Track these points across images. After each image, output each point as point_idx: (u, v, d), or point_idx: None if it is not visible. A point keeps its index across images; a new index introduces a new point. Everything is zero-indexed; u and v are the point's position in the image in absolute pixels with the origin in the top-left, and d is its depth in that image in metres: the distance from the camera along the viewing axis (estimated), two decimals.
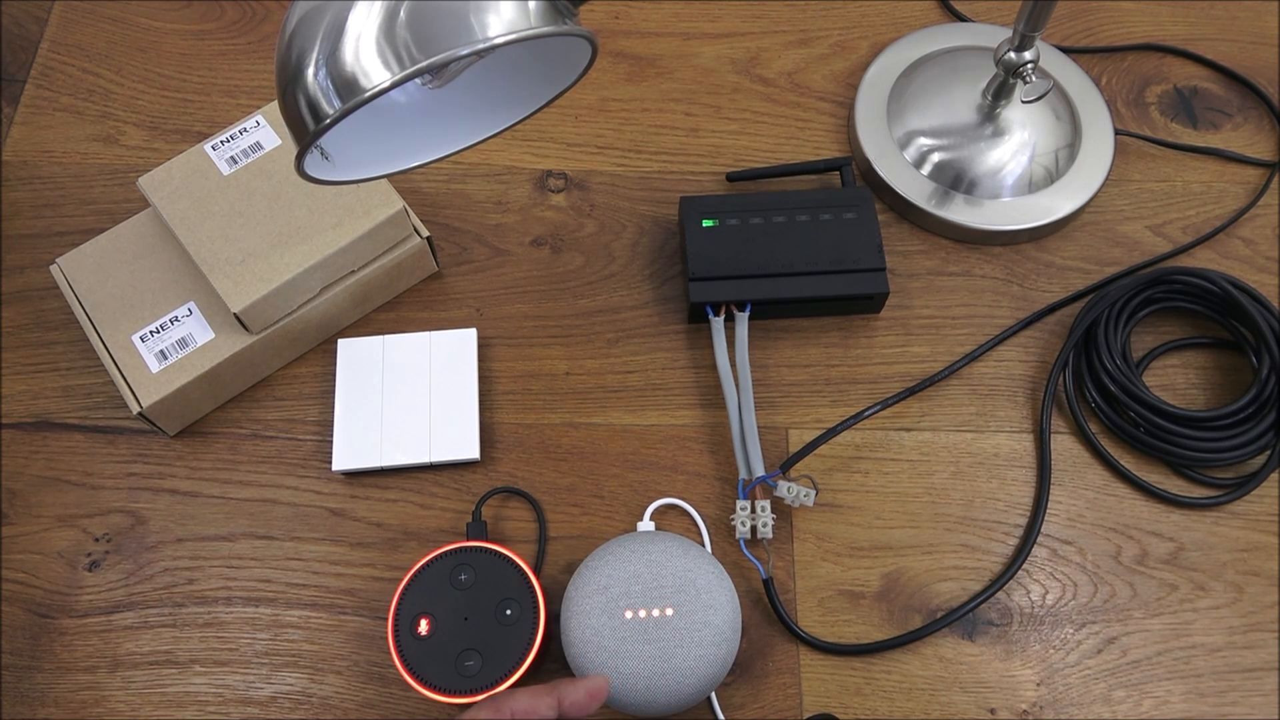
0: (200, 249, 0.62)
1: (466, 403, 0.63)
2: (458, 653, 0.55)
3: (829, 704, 0.58)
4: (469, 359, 0.64)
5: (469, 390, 0.64)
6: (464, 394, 0.64)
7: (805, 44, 0.79)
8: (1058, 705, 0.58)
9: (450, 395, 0.63)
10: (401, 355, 0.64)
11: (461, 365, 0.64)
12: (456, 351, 0.65)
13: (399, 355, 0.64)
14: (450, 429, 0.63)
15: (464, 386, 0.64)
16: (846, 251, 0.66)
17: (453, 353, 0.65)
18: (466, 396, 0.64)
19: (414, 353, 0.65)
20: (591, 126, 0.75)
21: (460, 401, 0.63)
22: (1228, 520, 0.63)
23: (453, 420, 0.63)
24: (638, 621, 0.53)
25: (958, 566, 0.62)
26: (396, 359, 0.64)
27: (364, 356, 0.64)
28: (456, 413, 0.63)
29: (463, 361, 0.64)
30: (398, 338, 0.65)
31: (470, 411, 0.63)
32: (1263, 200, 0.72)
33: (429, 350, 0.65)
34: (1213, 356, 0.68)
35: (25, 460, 0.64)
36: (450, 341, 0.65)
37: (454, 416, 0.63)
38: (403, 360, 0.64)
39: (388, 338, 0.65)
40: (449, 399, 0.63)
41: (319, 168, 0.48)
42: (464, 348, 0.65)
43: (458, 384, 0.64)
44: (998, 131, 0.71)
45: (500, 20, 0.41)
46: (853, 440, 0.65)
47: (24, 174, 0.73)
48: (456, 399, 0.63)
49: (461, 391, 0.64)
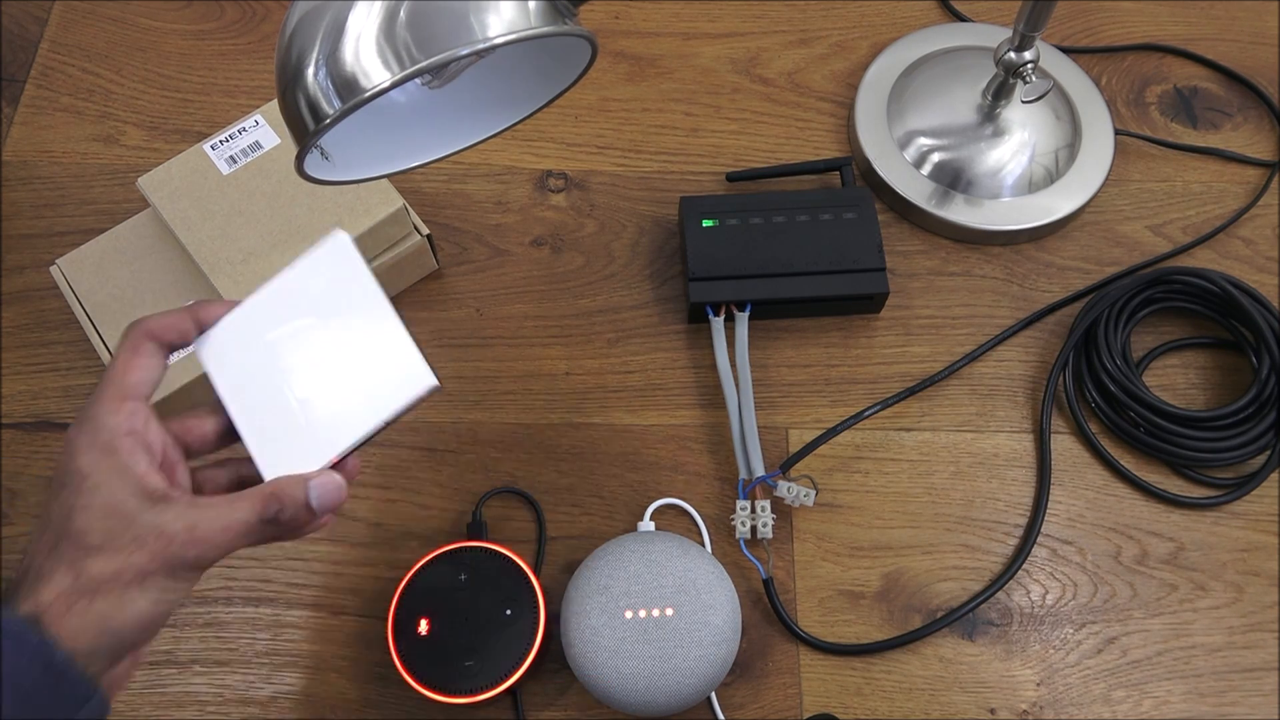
0: (200, 248, 0.62)
1: (384, 325, 0.47)
2: (458, 653, 0.55)
3: (829, 704, 0.58)
4: (356, 271, 0.48)
5: (377, 306, 0.47)
6: (374, 315, 0.47)
7: (805, 44, 0.79)
8: (1058, 705, 0.58)
9: (362, 325, 0.47)
10: (274, 313, 0.49)
11: (353, 284, 0.48)
12: (337, 271, 0.48)
13: (271, 315, 0.49)
14: (385, 367, 0.47)
15: (369, 306, 0.47)
16: (846, 251, 0.66)
17: (334, 275, 0.48)
18: (378, 316, 0.47)
19: (286, 302, 0.49)
20: (591, 126, 0.75)
21: (377, 327, 0.47)
22: (1228, 520, 0.63)
23: (381, 355, 0.47)
24: (638, 621, 0.53)
25: (958, 566, 0.62)
26: (271, 320, 0.49)
27: (234, 340, 0.48)
28: (380, 343, 0.47)
29: (351, 279, 0.48)
30: (254, 299, 0.49)
31: (393, 333, 0.47)
32: (1263, 200, 0.72)
33: (303, 288, 0.49)
34: (1213, 356, 0.68)
35: (25, 460, 0.64)
36: (322, 263, 0.48)
37: (380, 349, 0.47)
38: (280, 317, 0.49)
39: (243, 306, 0.49)
40: (363, 330, 0.48)
41: (319, 168, 0.48)
42: (342, 262, 0.48)
43: (361, 308, 0.48)
44: (998, 131, 0.71)
45: (500, 20, 0.41)
46: (853, 440, 0.65)
47: (24, 174, 0.73)
48: (371, 327, 0.47)
49: (370, 313, 0.47)
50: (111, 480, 0.40)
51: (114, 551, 0.39)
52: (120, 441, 0.41)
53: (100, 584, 0.38)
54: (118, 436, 0.41)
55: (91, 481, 0.40)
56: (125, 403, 0.42)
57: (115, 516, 0.39)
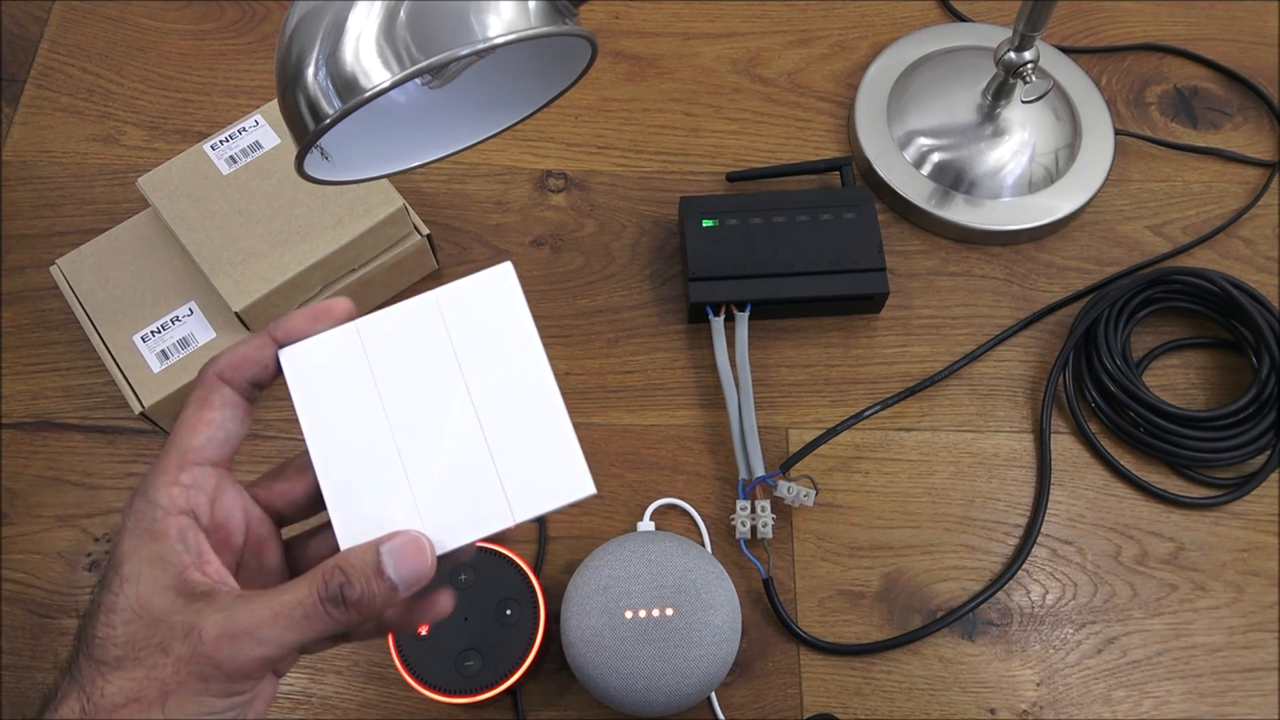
0: (201, 248, 0.62)
1: (540, 397, 0.37)
2: (458, 653, 0.55)
3: (829, 704, 0.58)
4: (517, 316, 0.38)
5: (535, 370, 0.37)
6: (530, 381, 0.37)
7: (805, 44, 0.79)
8: (1058, 705, 0.58)
9: (506, 391, 0.37)
10: (398, 347, 0.38)
11: (507, 333, 0.38)
12: (491, 311, 0.38)
13: (393, 348, 0.38)
14: (533, 454, 0.37)
15: (524, 367, 0.37)
16: (846, 251, 0.66)
17: (486, 314, 0.38)
18: (535, 384, 0.37)
19: (417, 336, 0.38)
20: (591, 126, 0.75)
21: (531, 398, 0.37)
22: (1228, 520, 0.63)
23: (531, 436, 0.37)
24: (638, 621, 0.53)
25: (958, 566, 0.62)
26: (391, 356, 0.37)
27: (332, 366, 0.37)
28: (531, 420, 0.37)
29: (508, 326, 0.38)
30: (381, 316, 0.38)
31: (551, 411, 0.37)
32: (1263, 200, 0.72)
33: (442, 324, 0.38)
34: (1213, 356, 0.68)
35: (25, 460, 0.64)
36: (475, 297, 0.38)
37: (530, 428, 0.37)
38: (406, 352, 0.38)
39: (363, 322, 0.38)
40: (513, 398, 0.37)
41: (319, 168, 0.48)
42: (502, 302, 0.38)
43: (511, 366, 0.37)
44: (998, 131, 0.71)
45: (500, 20, 0.41)
46: (853, 440, 0.65)
47: (24, 174, 0.73)
48: (522, 395, 0.37)
49: (525, 378, 0.37)
50: (146, 573, 0.33)
51: (134, 665, 0.31)
52: (167, 523, 0.33)
53: (114, 710, 0.31)
54: (167, 516, 0.33)
55: (124, 573, 0.33)
56: (184, 471, 0.34)
57: (142, 620, 0.32)
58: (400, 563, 0.33)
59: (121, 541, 0.33)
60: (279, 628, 0.32)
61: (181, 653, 0.31)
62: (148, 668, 0.31)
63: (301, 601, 0.32)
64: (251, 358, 0.36)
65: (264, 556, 0.37)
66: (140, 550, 0.33)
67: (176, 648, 0.31)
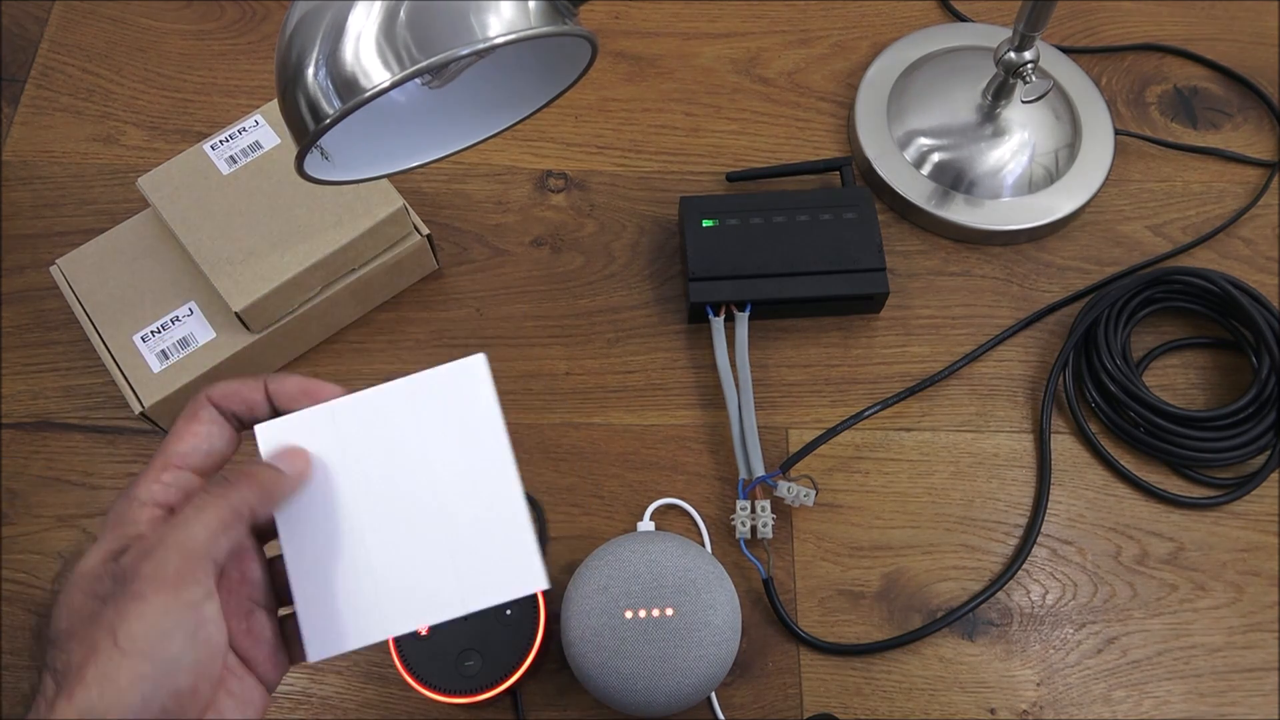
0: (200, 248, 0.62)
1: (500, 489, 0.38)
2: (458, 653, 0.55)
3: (829, 704, 0.58)
4: (485, 410, 0.39)
5: (499, 464, 0.39)
6: (491, 473, 0.39)
7: (805, 44, 0.79)
8: (1058, 705, 0.58)
9: (468, 483, 0.39)
10: (369, 430, 0.39)
11: (475, 425, 0.39)
12: (461, 402, 0.39)
13: (364, 431, 0.39)
14: (490, 546, 0.38)
15: (488, 460, 0.39)
16: (846, 251, 0.66)
17: (456, 405, 0.39)
18: (497, 476, 0.38)
19: (388, 421, 0.39)
20: (591, 126, 0.75)
21: (493, 491, 0.38)
22: (1228, 520, 0.63)
23: (490, 529, 0.38)
24: (638, 621, 0.53)
25: (958, 566, 0.62)
26: (361, 439, 0.39)
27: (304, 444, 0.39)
28: (491, 513, 0.38)
29: (476, 418, 0.39)
30: (354, 400, 0.39)
31: (511, 507, 0.38)
32: (1263, 200, 0.72)
33: (413, 411, 0.39)
34: (1213, 356, 0.68)
35: (25, 460, 0.64)
36: (448, 386, 0.39)
37: (489, 521, 0.38)
38: (376, 437, 0.39)
39: (337, 405, 0.39)
40: (467, 490, 0.38)
41: (319, 168, 0.48)
42: (472, 393, 0.39)
43: (476, 458, 0.39)
44: (998, 131, 0.71)
45: (500, 20, 0.41)
46: (853, 440, 0.65)
47: (24, 174, 0.73)
48: (480, 487, 0.38)
49: (486, 470, 0.39)
50: (95, 548, 0.35)
51: (81, 624, 0.33)
52: (140, 513, 0.35)
53: (79, 670, 0.32)
54: (142, 508, 0.36)
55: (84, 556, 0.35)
56: (165, 472, 0.37)
57: (79, 586, 0.34)
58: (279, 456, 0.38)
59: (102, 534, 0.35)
60: (182, 528, 0.34)
61: (115, 590, 0.33)
62: (92, 622, 0.33)
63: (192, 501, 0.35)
64: (241, 394, 0.38)
65: (245, 566, 0.38)
66: (102, 535, 0.35)
67: (109, 587, 0.33)
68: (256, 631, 0.38)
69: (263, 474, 0.37)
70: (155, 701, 0.32)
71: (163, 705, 0.32)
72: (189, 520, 0.34)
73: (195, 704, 0.34)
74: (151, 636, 0.32)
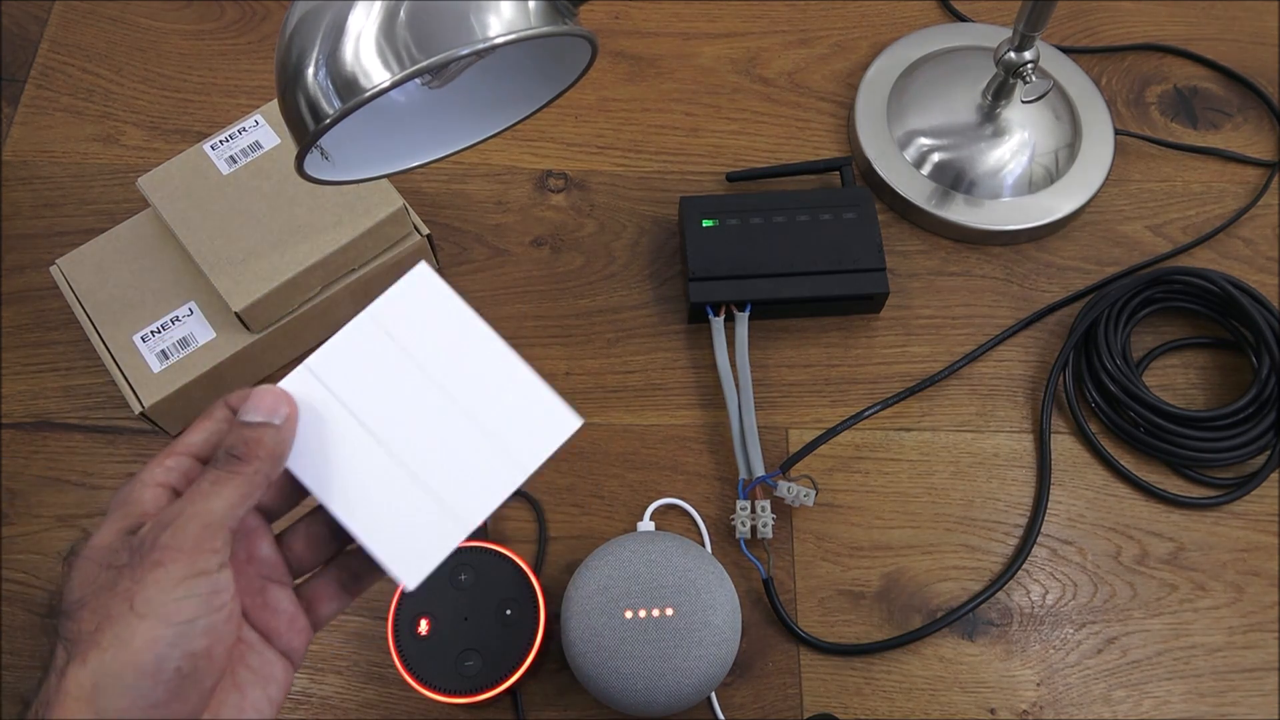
0: (200, 248, 0.62)
1: (499, 363, 0.40)
2: (458, 653, 0.55)
3: (829, 704, 0.58)
4: (449, 301, 0.41)
5: (485, 342, 0.40)
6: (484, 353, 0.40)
7: (805, 44, 0.79)
8: (1058, 705, 0.58)
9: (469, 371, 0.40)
10: (354, 370, 0.40)
11: (447, 321, 0.41)
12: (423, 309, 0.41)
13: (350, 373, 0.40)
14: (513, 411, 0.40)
15: (475, 344, 0.40)
16: (846, 251, 0.66)
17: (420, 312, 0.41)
18: (490, 353, 0.40)
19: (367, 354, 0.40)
20: (591, 126, 0.75)
21: (490, 368, 0.40)
22: (1228, 520, 0.63)
23: (505, 397, 0.40)
24: (638, 621, 0.53)
25: (958, 566, 0.62)
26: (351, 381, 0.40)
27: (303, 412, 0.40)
28: (499, 386, 0.40)
29: (443, 314, 0.41)
30: (324, 351, 0.41)
31: (514, 370, 0.40)
32: (1263, 200, 0.72)
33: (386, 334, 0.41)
34: (1213, 356, 0.68)
35: (25, 460, 0.64)
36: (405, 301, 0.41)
37: (501, 391, 0.40)
38: (363, 372, 0.40)
39: (310, 363, 0.41)
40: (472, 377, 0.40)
41: (319, 168, 0.48)
42: (429, 296, 0.41)
43: (464, 347, 0.40)
44: (998, 131, 0.71)
45: (500, 20, 0.41)
46: (853, 440, 0.65)
47: (24, 174, 0.73)
48: (481, 369, 0.40)
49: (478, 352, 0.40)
50: (105, 527, 0.35)
51: (94, 595, 0.34)
52: (142, 493, 0.36)
53: (92, 638, 0.33)
54: (144, 488, 0.36)
55: (94, 534, 0.36)
56: (169, 458, 0.37)
57: (91, 559, 0.35)
58: (254, 406, 0.38)
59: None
60: (200, 502, 0.35)
61: (131, 560, 0.34)
62: (108, 590, 0.33)
63: (206, 477, 0.36)
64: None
65: (252, 546, 0.39)
66: (109, 515, 0.36)
67: (125, 558, 0.34)
68: (272, 605, 0.39)
69: (264, 437, 0.37)
70: (170, 663, 0.33)
71: (177, 667, 0.33)
72: (208, 494, 0.35)
73: (210, 666, 0.34)
74: (167, 601, 0.33)
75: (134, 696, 0.32)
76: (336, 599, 0.41)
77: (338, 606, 0.41)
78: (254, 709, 0.36)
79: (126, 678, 0.32)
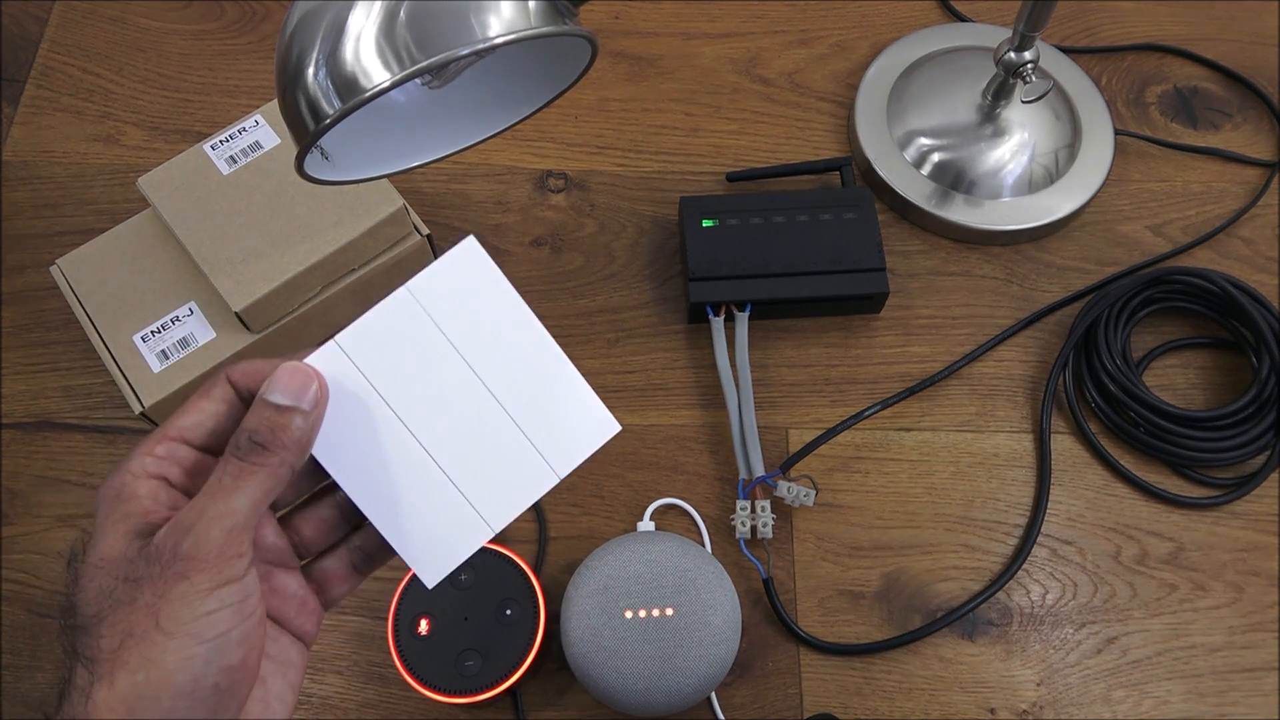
0: (200, 248, 0.62)
1: (541, 355, 0.38)
2: (458, 653, 0.55)
3: (829, 704, 0.58)
4: (495, 285, 0.38)
5: (529, 331, 0.38)
6: (526, 342, 0.38)
7: (805, 44, 0.79)
8: (1058, 705, 0.58)
9: (508, 360, 0.37)
10: (387, 349, 0.37)
11: (490, 304, 0.37)
12: (466, 289, 0.37)
13: (383, 352, 0.37)
14: (551, 411, 0.38)
15: (518, 332, 0.37)
16: (846, 251, 0.66)
17: (464, 293, 0.37)
18: (533, 344, 0.38)
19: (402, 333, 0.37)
20: (591, 126, 0.75)
21: (530, 359, 0.38)
22: (1228, 520, 0.63)
23: (543, 396, 0.38)
24: (638, 621, 0.53)
25: (958, 566, 0.62)
26: (384, 361, 0.37)
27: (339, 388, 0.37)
28: (538, 380, 0.38)
29: (488, 297, 0.37)
30: (359, 327, 0.37)
31: (557, 364, 0.38)
32: (1263, 200, 0.72)
33: (424, 313, 0.37)
34: (1213, 356, 0.68)
35: (25, 460, 0.64)
36: (449, 278, 0.37)
37: (540, 388, 0.38)
38: (396, 352, 0.37)
39: (343, 337, 0.37)
40: (511, 367, 0.37)
41: (319, 168, 0.48)
42: (476, 276, 0.38)
43: (505, 334, 0.37)
44: (998, 131, 0.71)
45: (500, 20, 0.41)
46: (853, 440, 0.65)
47: (24, 174, 0.73)
48: (521, 360, 0.38)
49: (520, 341, 0.38)
50: (109, 529, 0.33)
51: (113, 610, 0.31)
52: (136, 485, 0.34)
53: (115, 656, 0.31)
54: (136, 480, 0.34)
55: (92, 539, 0.33)
56: (160, 445, 0.35)
57: (104, 569, 0.32)
58: (282, 387, 0.34)
59: (95, 516, 0.34)
60: (222, 501, 0.32)
61: (150, 573, 0.31)
62: (127, 605, 0.31)
63: (226, 470, 0.33)
64: (262, 372, 0.36)
65: (259, 533, 0.37)
66: (107, 514, 0.33)
67: (143, 570, 0.31)
68: (280, 590, 0.37)
69: (292, 426, 0.34)
70: (206, 680, 0.31)
71: (215, 684, 0.31)
72: (229, 491, 0.32)
73: (246, 677, 0.33)
74: (197, 616, 0.31)
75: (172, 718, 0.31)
76: (348, 580, 0.39)
77: (349, 587, 0.39)
78: (278, 698, 0.35)
79: (163, 701, 0.30)
